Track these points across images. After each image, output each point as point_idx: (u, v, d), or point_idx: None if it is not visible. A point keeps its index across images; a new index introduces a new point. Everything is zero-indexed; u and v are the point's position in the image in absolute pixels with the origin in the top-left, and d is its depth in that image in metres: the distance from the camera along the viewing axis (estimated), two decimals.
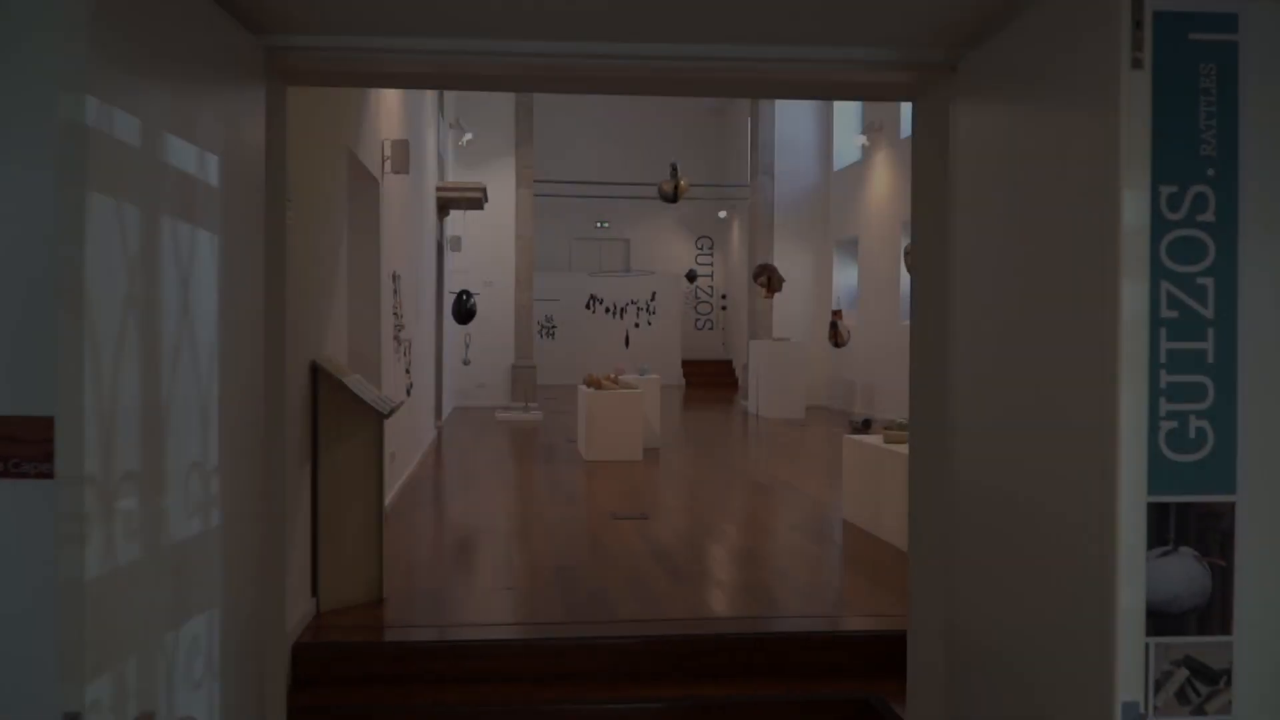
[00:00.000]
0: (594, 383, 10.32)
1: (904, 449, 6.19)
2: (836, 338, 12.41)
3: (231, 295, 2.43)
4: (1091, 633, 1.96)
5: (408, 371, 8.49)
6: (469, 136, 15.32)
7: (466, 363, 15.25)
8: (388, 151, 6.97)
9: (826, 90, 3.58)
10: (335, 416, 4.49)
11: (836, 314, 12.67)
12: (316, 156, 4.61)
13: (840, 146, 16.81)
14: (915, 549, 3.23)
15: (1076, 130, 2.11)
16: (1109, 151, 1.96)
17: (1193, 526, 2.16)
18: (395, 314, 7.65)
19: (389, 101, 7.30)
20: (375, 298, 6.80)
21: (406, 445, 8.55)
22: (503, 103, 16.25)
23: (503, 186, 16.24)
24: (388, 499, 6.99)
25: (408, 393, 8.54)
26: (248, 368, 2.56)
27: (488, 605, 4.68)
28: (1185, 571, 2.15)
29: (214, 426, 2.32)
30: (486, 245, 16.21)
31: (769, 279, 12.60)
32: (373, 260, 6.78)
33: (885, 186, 14.73)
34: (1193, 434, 2.16)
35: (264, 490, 2.70)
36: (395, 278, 7.64)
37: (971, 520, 2.67)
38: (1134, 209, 1.94)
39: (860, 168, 15.68)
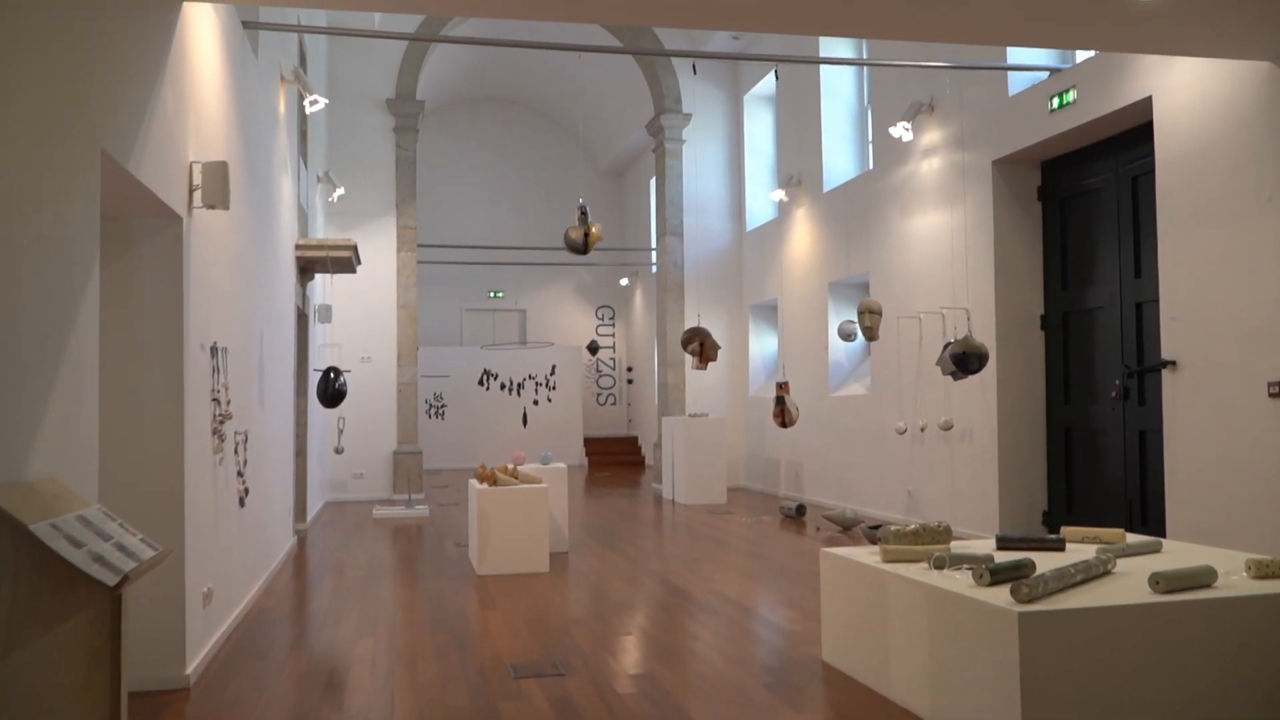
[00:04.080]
0: (487, 477, 8.39)
1: (917, 574, 4.51)
2: (784, 416, 10.72)
3: None
4: None
5: (240, 474, 6.49)
6: (340, 192, 13.43)
7: (339, 451, 13.13)
8: (198, 178, 5.08)
9: None
10: (25, 592, 2.56)
11: (782, 388, 11.00)
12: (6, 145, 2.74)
13: (753, 205, 15.44)
14: None
15: None
16: None
17: None
18: (216, 400, 5.70)
19: (207, 109, 5.43)
20: (174, 380, 4.86)
21: (238, 573, 6.50)
22: (381, 155, 14.43)
23: (381, 249, 14.33)
24: (193, 665, 4.98)
25: (241, 503, 6.53)
26: None
27: None
28: None
29: None
30: (363, 316, 14.22)
31: (702, 345, 10.88)
32: (170, 327, 4.85)
33: (806, 244, 13.34)
34: None
35: None
36: (216, 351, 5.70)
37: None
38: None
39: (777, 225, 14.29)
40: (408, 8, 5.63)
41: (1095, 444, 8.42)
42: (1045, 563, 4.56)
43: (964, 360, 7.45)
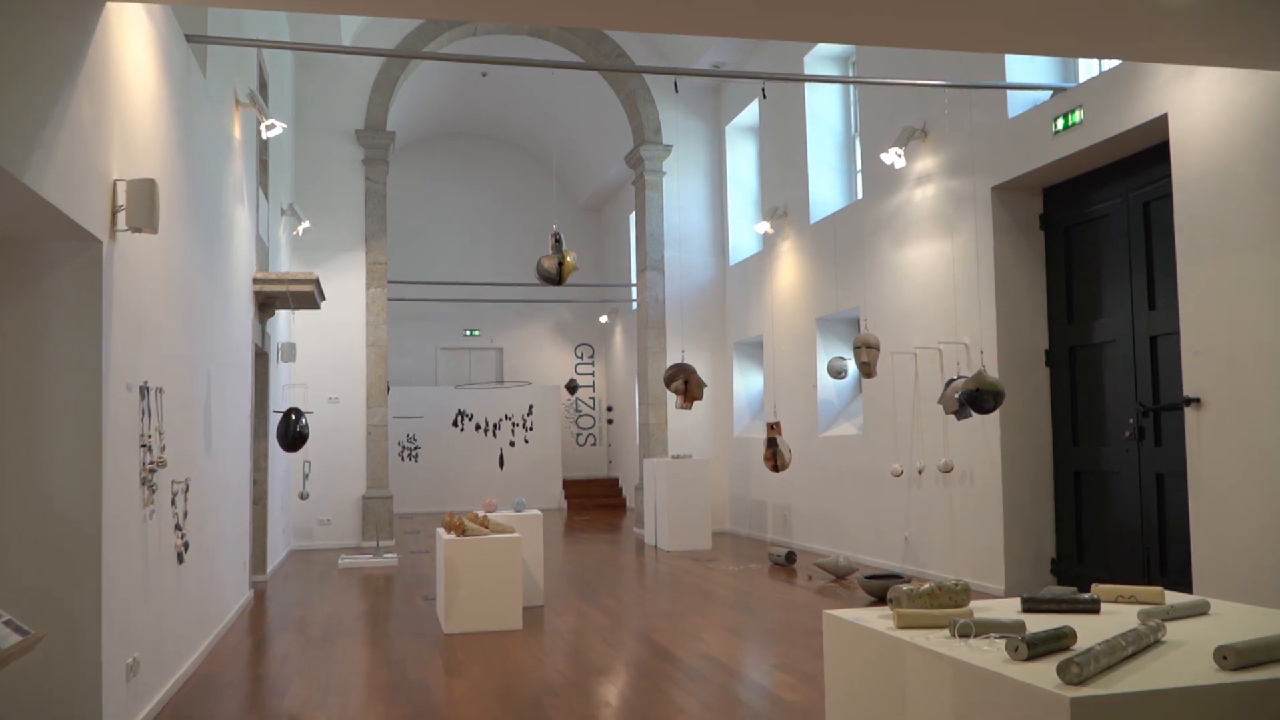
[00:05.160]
0: (455, 526, 7.77)
1: (938, 645, 3.93)
2: (775, 460, 10.13)
3: None
4: None
5: (179, 528, 5.86)
6: (306, 225, 12.86)
7: (304, 496, 12.47)
8: (122, 197, 4.52)
9: None
10: None
11: (773, 428, 10.40)
12: None
13: (736, 238, 14.97)
14: None
15: None
16: None
17: None
18: (146, 446, 5.09)
19: (136, 124, 4.88)
20: (90, 424, 4.26)
21: (175, 638, 5.85)
22: (350, 188, 13.89)
23: (350, 285, 13.74)
24: None
25: (180, 558, 5.90)
26: None
27: None
28: None
29: None
30: (331, 354, 13.60)
31: (686, 383, 10.31)
32: (86, 364, 4.26)
33: (793, 278, 12.85)
34: None
35: None
36: (147, 392, 5.11)
37: None
38: None
39: (762, 258, 13.81)
40: (374, 10, 5.12)
41: (1107, 487, 7.89)
42: (1081, 628, 4.01)
43: (978, 398, 6.91)
